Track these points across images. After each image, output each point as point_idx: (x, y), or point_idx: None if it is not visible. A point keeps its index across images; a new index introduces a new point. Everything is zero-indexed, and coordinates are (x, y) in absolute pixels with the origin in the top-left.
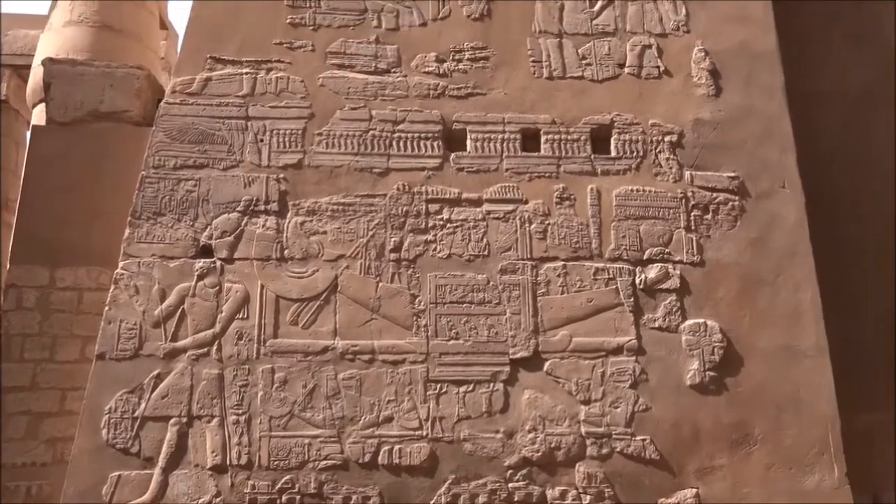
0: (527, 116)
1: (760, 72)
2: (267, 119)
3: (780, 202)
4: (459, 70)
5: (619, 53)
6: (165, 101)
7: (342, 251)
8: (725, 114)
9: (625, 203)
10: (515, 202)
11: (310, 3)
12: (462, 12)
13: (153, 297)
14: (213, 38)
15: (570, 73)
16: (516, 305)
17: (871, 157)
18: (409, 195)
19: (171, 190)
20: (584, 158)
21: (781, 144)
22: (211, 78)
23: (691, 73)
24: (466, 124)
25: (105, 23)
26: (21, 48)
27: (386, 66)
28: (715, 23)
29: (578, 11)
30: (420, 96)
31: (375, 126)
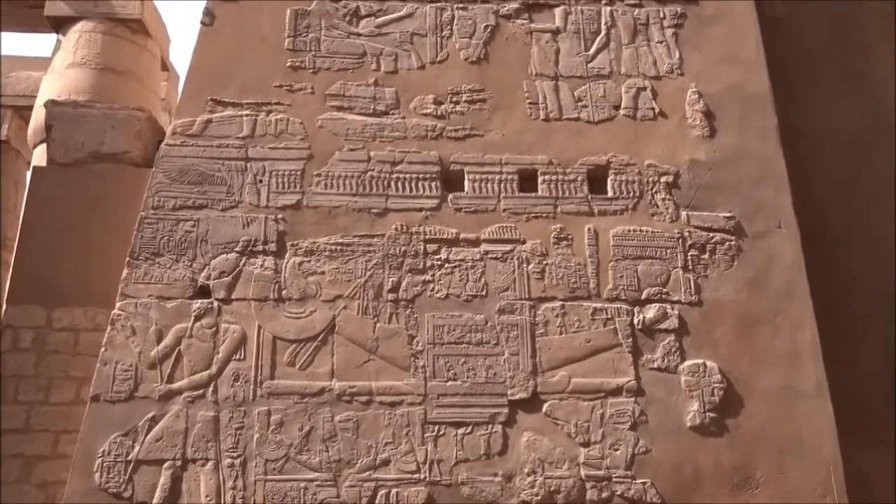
0: (524, 157)
1: (754, 113)
2: (266, 160)
3: (776, 242)
4: (457, 112)
5: (615, 96)
6: (166, 143)
7: (340, 291)
8: (720, 155)
9: (622, 243)
10: (513, 242)
11: (310, 46)
12: (459, 56)
13: (150, 338)
14: (215, 81)
15: (566, 115)
16: (515, 346)
17: (865, 196)
18: (407, 235)
19: (169, 230)
20: (581, 199)
21: (776, 185)
22: (211, 120)
23: (686, 115)
24: (464, 165)
25: (107, 65)
26: (23, 89)
27: (384, 108)
28: (708, 65)
29: (574, 55)
30: (418, 137)
31: (374, 167)
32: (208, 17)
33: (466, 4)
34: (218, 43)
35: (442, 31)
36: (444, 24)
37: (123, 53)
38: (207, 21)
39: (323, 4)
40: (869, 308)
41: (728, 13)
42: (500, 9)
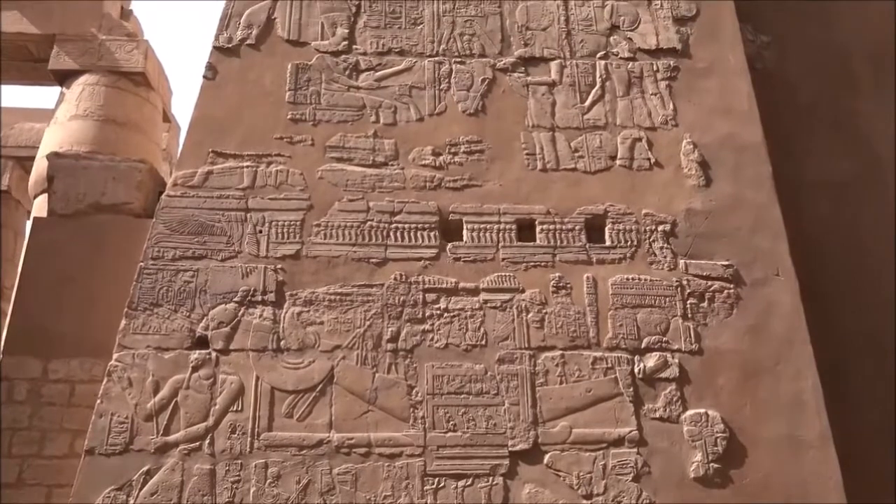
0: (522, 207)
1: (748, 163)
2: (266, 211)
3: (775, 289)
4: (455, 163)
5: (611, 146)
6: (166, 194)
7: (339, 342)
8: (716, 203)
9: (621, 291)
10: (512, 291)
11: (310, 99)
12: (457, 108)
13: (146, 390)
14: (216, 133)
15: (563, 166)
16: (515, 396)
17: (861, 242)
18: (406, 285)
19: (168, 281)
20: (580, 248)
21: (773, 233)
22: (212, 171)
23: (681, 165)
24: (463, 215)
25: (109, 116)
26: (26, 140)
27: (384, 160)
28: (701, 116)
29: (570, 107)
30: (417, 188)
31: (373, 217)
32: (210, 71)
33: (464, 58)
34: (220, 96)
35: (440, 85)
36: (442, 78)
37: (126, 105)
38: (210, 75)
39: (323, 59)
40: (869, 355)
41: (720, 66)
42: (497, 63)
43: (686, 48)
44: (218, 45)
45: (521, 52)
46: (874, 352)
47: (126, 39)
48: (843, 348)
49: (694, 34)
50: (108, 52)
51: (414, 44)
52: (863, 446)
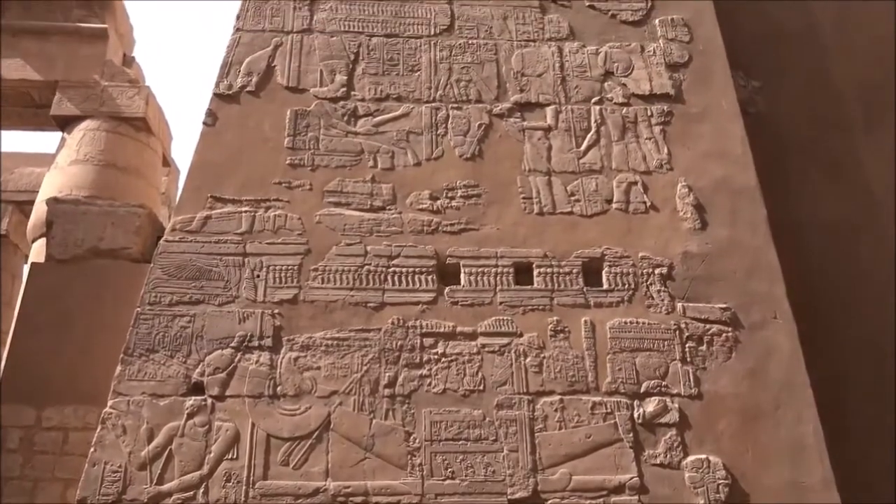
0: (519, 250)
1: (743, 206)
2: (264, 255)
3: (773, 333)
4: (452, 207)
5: (607, 190)
6: (165, 239)
7: (336, 387)
8: (713, 246)
9: (619, 335)
10: (510, 335)
11: (309, 145)
12: (454, 153)
13: (140, 438)
14: (215, 178)
15: (559, 209)
16: (514, 442)
17: (858, 283)
18: (403, 329)
19: (165, 326)
20: (577, 291)
21: (769, 275)
22: (211, 216)
23: (677, 208)
24: (460, 259)
25: (109, 161)
26: (25, 185)
27: (381, 204)
28: (696, 161)
29: (565, 151)
30: (414, 232)
31: (371, 261)
32: (210, 118)
33: (461, 104)
34: (219, 142)
35: (437, 130)
36: (439, 123)
37: (126, 150)
38: (210, 122)
39: (322, 105)
40: (868, 397)
41: (713, 111)
42: (493, 108)
43: (679, 93)
44: (218, 92)
45: (517, 97)
46: (874, 394)
47: (128, 86)
48: (842, 390)
49: (687, 80)
50: (110, 98)
51: (411, 90)
52: (865, 489)
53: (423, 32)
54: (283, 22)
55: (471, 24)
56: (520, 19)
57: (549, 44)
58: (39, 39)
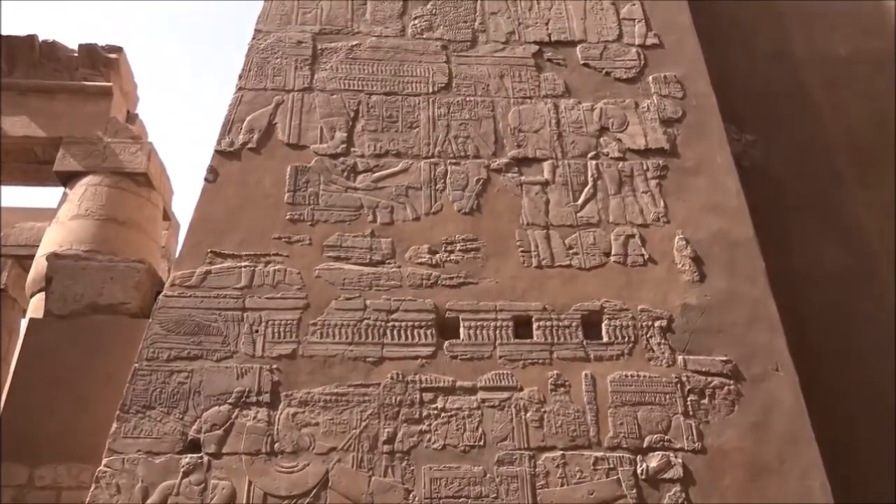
0: (518, 304)
1: (741, 258)
2: (263, 310)
3: (775, 385)
4: (451, 261)
5: (605, 243)
6: (164, 294)
7: (334, 443)
8: (712, 299)
9: (620, 389)
10: (510, 390)
11: (309, 200)
12: (453, 207)
13: (135, 497)
14: (215, 234)
15: (558, 262)
16: (515, 499)
17: (858, 333)
18: (402, 384)
19: (162, 382)
20: (577, 344)
21: (770, 327)
22: (210, 271)
23: (675, 261)
24: (459, 312)
25: (110, 215)
26: (26, 240)
27: (381, 258)
28: (692, 213)
29: (563, 205)
30: (413, 286)
31: (370, 315)
32: (212, 174)
33: (459, 160)
34: (220, 198)
35: (436, 185)
36: (437, 178)
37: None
38: (211, 178)
39: (322, 161)
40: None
41: (708, 165)
42: (491, 163)
43: (674, 148)
44: (220, 149)
45: (515, 152)
46: (877, 445)
47: (130, 142)
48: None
49: (681, 135)
50: (113, 154)
51: (410, 146)
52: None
53: (422, 90)
54: (284, 81)
55: (468, 82)
56: (516, 77)
57: (545, 100)
58: (46, 98)
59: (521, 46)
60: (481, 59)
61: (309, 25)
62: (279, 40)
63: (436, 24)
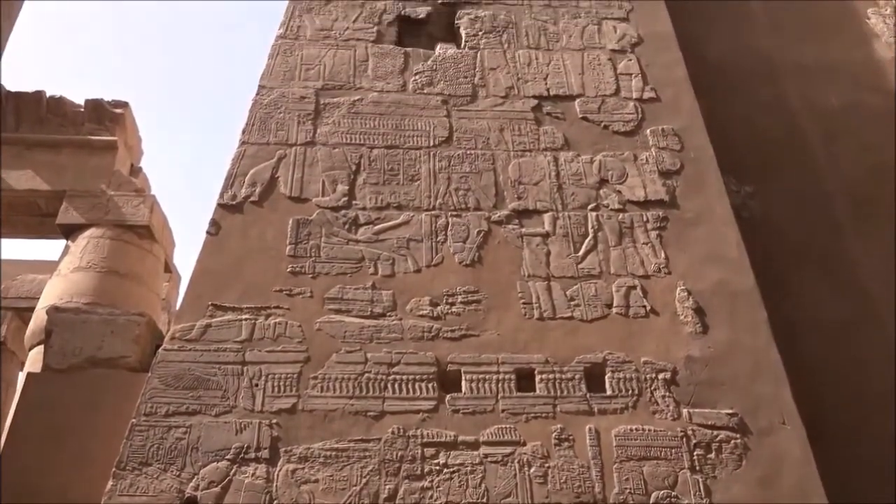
0: (520, 356)
1: (743, 308)
2: (263, 363)
3: (782, 438)
4: (453, 313)
5: (606, 294)
6: (163, 348)
7: (334, 500)
8: (715, 350)
9: (625, 443)
10: (513, 444)
11: (310, 253)
12: (454, 259)
13: None
14: (216, 286)
15: (560, 314)
16: None
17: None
18: (404, 439)
19: (160, 438)
20: (580, 398)
21: (774, 378)
22: (211, 324)
23: (677, 312)
24: (461, 365)
25: (112, 268)
26: (27, 292)
27: (382, 311)
28: (693, 264)
29: (564, 256)
30: (415, 339)
31: (371, 368)
32: (214, 227)
33: (460, 212)
34: (222, 251)
35: (437, 237)
36: (438, 230)
37: (129, 257)
38: (213, 231)
39: (324, 214)
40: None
41: (707, 216)
42: (492, 215)
43: (673, 199)
44: (222, 203)
45: (515, 205)
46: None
47: (133, 195)
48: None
49: (680, 186)
50: (116, 207)
51: (411, 199)
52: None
53: (423, 144)
54: (287, 135)
55: (469, 135)
56: (516, 131)
57: (544, 153)
58: (51, 151)
59: (521, 101)
60: (481, 114)
61: (312, 81)
62: (282, 96)
63: (436, 80)
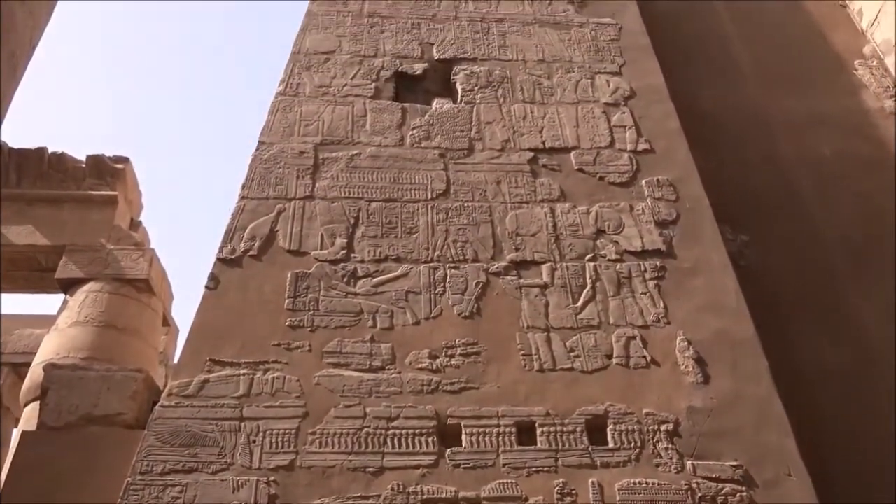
0: (521, 409)
1: (744, 357)
2: (261, 419)
3: (788, 490)
4: (452, 365)
5: (606, 345)
6: (160, 405)
7: None
8: (717, 401)
9: (629, 497)
10: (515, 500)
11: (309, 306)
12: (453, 311)
13: None
14: (214, 341)
15: (560, 366)
16: None
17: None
18: (404, 495)
19: (156, 497)
20: (582, 451)
21: (778, 428)
22: (209, 380)
23: (678, 362)
24: (461, 419)
25: (110, 322)
26: (24, 347)
27: (381, 364)
28: (692, 314)
29: (563, 307)
30: (414, 392)
31: (370, 423)
32: (213, 281)
33: (458, 264)
34: (220, 305)
35: (435, 289)
36: (437, 282)
37: (127, 311)
38: (212, 285)
39: (322, 267)
40: None
41: (704, 265)
42: (490, 267)
43: (670, 249)
44: (221, 257)
45: (513, 256)
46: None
47: (133, 248)
48: None
49: (676, 236)
50: (115, 261)
51: (410, 251)
52: None
53: (421, 197)
54: (286, 189)
55: (466, 188)
56: (512, 183)
57: (541, 205)
58: (52, 207)
59: (517, 153)
60: (478, 166)
61: (311, 136)
62: (282, 151)
63: (433, 134)
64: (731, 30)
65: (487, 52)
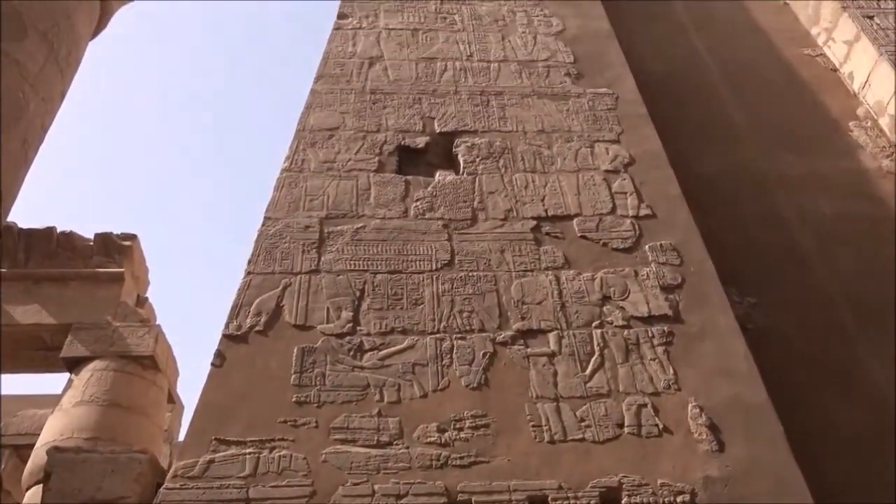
0: (532, 483)
1: (758, 423)
2: (267, 500)
3: None
4: (461, 438)
5: (617, 414)
6: (165, 487)
7: None
8: (733, 469)
9: None
10: None
11: (315, 381)
12: (461, 383)
13: None
14: (220, 420)
15: (571, 436)
16: None
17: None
18: None
19: None
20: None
21: (797, 495)
22: (214, 460)
23: (691, 430)
24: (472, 494)
25: (114, 401)
26: (27, 428)
27: (388, 439)
28: (703, 380)
29: (571, 376)
30: (423, 467)
31: (378, 501)
32: (219, 359)
33: (464, 334)
34: (226, 383)
35: (442, 360)
36: (444, 354)
37: (132, 389)
38: (218, 363)
39: (329, 341)
40: None
41: (712, 329)
42: (497, 337)
43: (677, 314)
44: (227, 333)
45: (519, 325)
46: None
47: (139, 325)
48: None
49: (683, 301)
50: (121, 338)
51: (416, 322)
52: None
53: (426, 268)
54: (292, 264)
55: (470, 258)
56: (516, 252)
57: (546, 273)
58: (59, 285)
59: (520, 222)
60: (482, 236)
61: (316, 211)
62: (287, 226)
63: (437, 205)
64: (726, 92)
65: (488, 124)
